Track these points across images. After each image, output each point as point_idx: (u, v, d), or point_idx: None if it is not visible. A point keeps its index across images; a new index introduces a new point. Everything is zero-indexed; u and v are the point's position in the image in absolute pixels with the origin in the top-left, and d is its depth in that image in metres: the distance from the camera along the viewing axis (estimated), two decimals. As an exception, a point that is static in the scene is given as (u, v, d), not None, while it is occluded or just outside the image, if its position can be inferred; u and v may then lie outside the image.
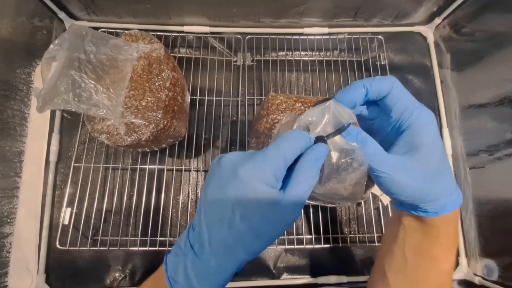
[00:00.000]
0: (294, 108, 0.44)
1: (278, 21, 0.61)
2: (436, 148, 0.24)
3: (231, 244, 0.22)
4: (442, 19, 0.61)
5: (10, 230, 0.50)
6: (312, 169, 0.23)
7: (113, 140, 0.45)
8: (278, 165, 0.22)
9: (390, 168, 0.24)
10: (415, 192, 0.25)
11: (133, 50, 0.45)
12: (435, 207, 0.25)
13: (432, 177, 0.24)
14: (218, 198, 0.23)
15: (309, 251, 0.54)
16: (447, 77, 0.61)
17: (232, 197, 0.22)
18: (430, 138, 0.24)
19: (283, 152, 0.22)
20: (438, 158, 0.25)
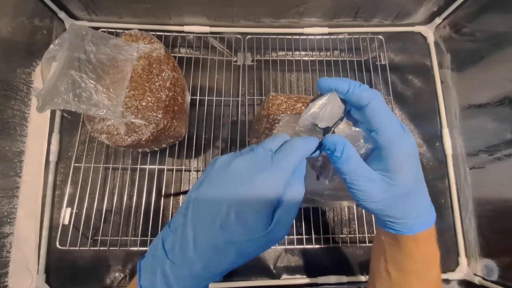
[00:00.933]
0: (295, 108, 0.44)
1: (278, 21, 0.61)
2: (408, 170, 0.24)
3: (221, 245, 0.21)
4: (443, 19, 0.61)
5: (10, 230, 0.50)
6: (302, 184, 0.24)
7: (113, 140, 0.45)
8: (288, 175, 0.23)
9: (364, 181, 0.24)
10: (383, 208, 0.25)
11: (133, 50, 0.45)
12: (402, 226, 0.26)
13: (400, 197, 0.25)
14: (215, 198, 0.22)
15: (309, 251, 0.54)
16: (447, 77, 0.61)
17: (232, 197, 0.21)
18: (403, 160, 0.24)
19: (294, 163, 0.23)
20: (409, 180, 0.24)
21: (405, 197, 0.25)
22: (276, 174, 0.22)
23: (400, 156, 0.24)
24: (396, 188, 0.24)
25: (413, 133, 0.61)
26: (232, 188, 0.22)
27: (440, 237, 0.57)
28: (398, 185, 0.24)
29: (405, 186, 0.24)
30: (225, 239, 0.21)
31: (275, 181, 0.22)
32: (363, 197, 0.25)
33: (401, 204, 0.25)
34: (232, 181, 0.22)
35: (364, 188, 0.24)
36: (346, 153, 0.24)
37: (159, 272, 0.22)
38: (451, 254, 0.55)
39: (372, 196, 0.24)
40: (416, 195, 0.26)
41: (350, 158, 0.24)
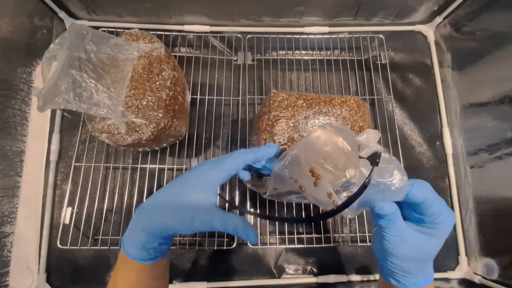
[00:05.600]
0: (296, 105, 0.44)
1: (279, 20, 0.61)
2: (440, 245, 0.29)
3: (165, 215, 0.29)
4: (443, 18, 0.61)
5: (11, 230, 0.50)
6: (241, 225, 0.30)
7: (113, 140, 0.45)
8: (222, 174, 0.30)
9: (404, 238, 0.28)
10: (403, 267, 0.29)
11: (134, 49, 0.45)
12: (408, 281, 0.29)
13: (425, 260, 0.30)
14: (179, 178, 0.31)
15: (309, 250, 0.54)
16: (447, 76, 0.61)
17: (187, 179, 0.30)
18: (442, 235, 0.29)
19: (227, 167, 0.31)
20: (436, 252, 0.29)
21: (427, 260, 0.30)
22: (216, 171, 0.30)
23: (442, 233, 0.29)
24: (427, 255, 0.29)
25: (413, 132, 0.61)
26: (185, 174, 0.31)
27: (440, 236, 0.57)
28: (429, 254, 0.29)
29: (432, 256, 0.29)
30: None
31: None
32: (393, 252, 0.28)
33: (419, 264, 0.29)
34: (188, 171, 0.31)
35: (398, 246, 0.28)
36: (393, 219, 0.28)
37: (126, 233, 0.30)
38: (451, 253, 0.55)
39: (400, 253, 0.28)
40: (431, 260, 0.30)
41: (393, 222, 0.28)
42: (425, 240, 0.28)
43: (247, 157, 0.32)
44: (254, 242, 0.31)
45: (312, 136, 0.31)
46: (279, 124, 0.42)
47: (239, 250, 0.54)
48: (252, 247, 0.53)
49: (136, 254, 0.29)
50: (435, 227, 0.28)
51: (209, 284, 0.50)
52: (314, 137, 0.31)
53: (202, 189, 0.29)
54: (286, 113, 0.43)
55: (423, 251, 0.29)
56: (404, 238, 0.28)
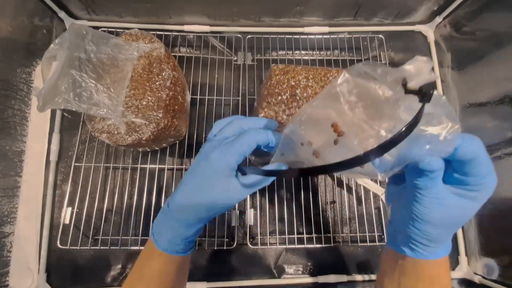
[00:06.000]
0: (300, 73, 0.45)
1: (279, 20, 0.61)
2: (477, 210, 0.25)
3: (192, 203, 0.30)
4: (443, 18, 0.61)
5: (11, 230, 0.50)
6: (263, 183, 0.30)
7: (113, 140, 0.45)
8: (239, 156, 0.29)
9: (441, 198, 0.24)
10: (431, 232, 0.25)
11: (134, 49, 0.45)
12: (430, 250, 0.27)
13: (454, 227, 0.26)
14: (193, 169, 0.30)
15: (309, 251, 0.54)
16: (447, 76, 0.61)
17: (201, 170, 0.29)
18: (483, 199, 0.25)
19: (241, 148, 0.29)
20: (470, 217, 0.26)
21: (455, 225, 0.26)
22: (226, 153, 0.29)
23: (482, 199, 0.25)
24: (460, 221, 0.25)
25: (413, 132, 0.61)
26: (201, 163, 0.30)
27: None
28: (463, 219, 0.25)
29: (466, 217, 0.25)
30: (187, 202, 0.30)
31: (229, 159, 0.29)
32: (425, 215, 0.25)
33: (448, 230, 0.26)
34: (203, 159, 0.30)
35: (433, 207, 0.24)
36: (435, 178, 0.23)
37: (158, 221, 0.32)
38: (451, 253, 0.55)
39: (433, 216, 0.24)
40: (455, 229, 0.27)
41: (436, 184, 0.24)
42: (463, 205, 0.24)
43: (260, 137, 0.29)
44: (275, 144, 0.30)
45: (336, 84, 0.24)
46: (280, 90, 0.44)
47: (239, 250, 0.54)
48: (252, 247, 0.53)
49: (169, 247, 0.31)
50: (478, 189, 0.24)
51: (209, 284, 0.50)
52: (339, 84, 0.24)
53: (223, 179, 0.29)
54: (286, 79, 0.45)
55: (458, 217, 0.25)
56: (443, 202, 0.24)
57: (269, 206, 0.55)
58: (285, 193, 0.55)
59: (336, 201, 0.54)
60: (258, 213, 0.54)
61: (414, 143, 0.22)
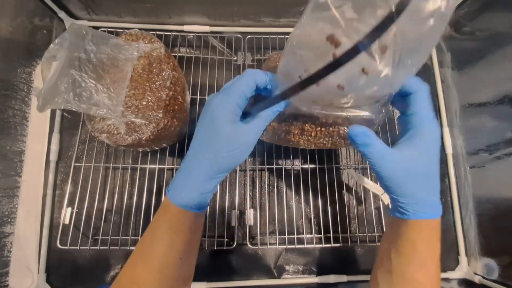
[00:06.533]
0: None
1: (279, 21, 0.61)
2: (430, 160, 0.29)
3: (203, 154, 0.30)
4: (443, 18, 0.61)
5: (10, 230, 0.50)
6: (267, 117, 0.31)
7: (113, 140, 0.45)
8: (239, 97, 0.29)
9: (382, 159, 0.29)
10: (396, 185, 0.29)
11: (134, 49, 0.45)
12: (411, 208, 0.29)
13: (417, 178, 0.29)
14: (200, 121, 0.32)
15: (309, 251, 0.54)
16: (447, 76, 0.61)
17: (207, 119, 0.30)
18: (427, 145, 0.29)
19: (241, 89, 0.29)
20: (429, 168, 0.29)
21: (422, 183, 0.29)
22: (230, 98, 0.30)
23: (431, 146, 0.29)
24: (418, 172, 0.29)
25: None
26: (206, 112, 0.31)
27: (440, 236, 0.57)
28: (420, 169, 0.29)
29: (426, 174, 0.29)
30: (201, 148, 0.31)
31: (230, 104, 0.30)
32: (381, 171, 0.29)
33: (417, 186, 0.29)
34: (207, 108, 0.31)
35: (381, 164, 0.29)
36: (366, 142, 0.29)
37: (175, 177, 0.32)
38: (451, 253, 0.55)
39: (386, 171, 0.29)
40: (433, 185, 0.30)
41: (369, 146, 0.29)
42: (408, 154, 0.29)
43: (258, 76, 0.30)
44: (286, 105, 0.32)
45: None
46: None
47: (239, 250, 0.54)
48: (252, 247, 0.53)
49: (184, 202, 0.31)
50: (417, 133, 0.29)
51: (209, 284, 0.50)
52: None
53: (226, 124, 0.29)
54: None
55: (412, 166, 0.29)
56: (383, 158, 0.29)
57: (269, 206, 0.55)
58: (285, 193, 0.55)
59: (336, 201, 0.54)
60: (258, 213, 0.54)
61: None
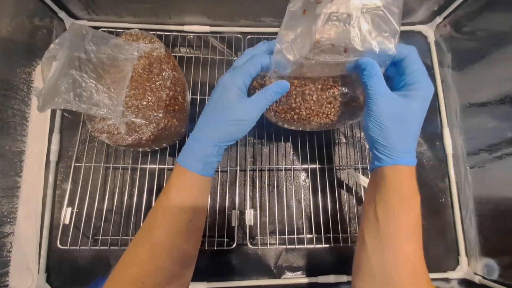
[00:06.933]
0: None
1: (279, 21, 0.61)
2: (419, 111, 0.32)
3: (210, 124, 0.35)
4: (443, 18, 0.61)
5: (10, 230, 0.50)
6: (269, 96, 0.35)
7: (113, 140, 0.45)
8: (245, 76, 0.34)
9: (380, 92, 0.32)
10: (383, 127, 0.32)
11: (134, 49, 0.45)
12: (388, 154, 0.32)
13: (404, 125, 0.32)
14: (210, 97, 0.36)
15: (309, 251, 0.54)
16: (447, 76, 0.61)
17: (216, 95, 0.35)
18: (420, 98, 0.32)
19: (248, 69, 0.34)
20: (412, 123, 0.32)
21: (403, 132, 0.32)
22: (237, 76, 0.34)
23: (419, 102, 0.32)
24: (402, 120, 0.32)
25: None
26: (216, 89, 0.35)
27: (440, 236, 0.57)
28: (409, 111, 0.32)
29: (407, 125, 0.32)
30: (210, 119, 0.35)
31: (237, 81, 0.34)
32: (374, 108, 0.32)
33: (398, 132, 0.32)
34: (216, 86, 0.36)
35: (379, 101, 0.32)
36: (374, 72, 0.32)
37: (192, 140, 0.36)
38: (451, 253, 0.55)
39: (380, 109, 0.32)
40: (410, 136, 0.33)
41: (374, 77, 0.32)
42: (405, 103, 0.32)
43: (264, 60, 0.35)
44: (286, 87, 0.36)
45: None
46: None
47: (239, 250, 0.54)
48: (252, 247, 0.53)
49: (193, 165, 0.34)
50: (412, 88, 0.32)
51: (209, 284, 0.50)
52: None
53: (233, 97, 0.34)
54: None
55: (403, 114, 0.32)
56: (384, 95, 0.32)
57: (269, 206, 0.55)
58: (285, 193, 0.55)
59: (336, 201, 0.54)
60: (258, 213, 0.54)
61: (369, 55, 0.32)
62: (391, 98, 0.32)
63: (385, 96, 0.32)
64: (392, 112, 0.32)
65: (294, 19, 0.33)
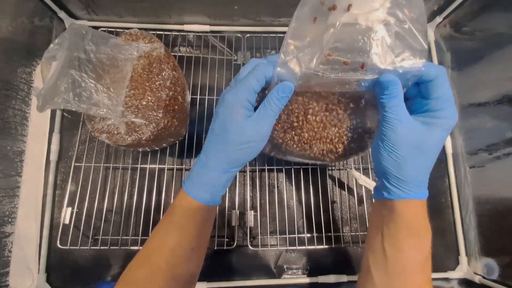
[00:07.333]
0: None
1: (278, 20, 0.61)
2: (439, 140, 0.29)
3: (217, 149, 0.31)
4: (443, 18, 0.61)
5: (11, 230, 0.50)
6: (274, 106, 0.30)
7: (113, 140, 0.45)
8: (248, 92, 0.30)
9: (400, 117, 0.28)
10: (399, 156, 0.28)
11: (133, 49, 0.45)
12: (401, 187, 0.29)
13: (417, 156, 0.28)
14: (214, 117, 0.32)
15: (309, 251, 0.54)
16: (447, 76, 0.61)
17: (220, 115, 0.31)
18: (442, 127, 0.29)
19: (251, 83, 0.29)
20: (430, 155, 0.29)
21: (419, 165, 0.29)
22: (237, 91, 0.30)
23: (442, 135, 0.29)
24: (419, 153, 0.28)
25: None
26: (221, 110, 0.31)
27: (440, 236, 0.57)
28: (427, 140, 0.28)
29: (424, 158, 0.29)
30: (216, 144, 0.31)
31: (241, 99, 0.30)
32: (391, 135, 0.28)
33: (414, 165, 0.28)
34: (220, 103, 0.31)
35: (395, 126, 0.28)
36: (396, 93, 0.28)
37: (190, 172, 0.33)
38: (451, 253, 0.55)
39: (397, 136, 0.28)
40: (426, 169, 0.29)
41: (395, 98, 0.28)
42: (425, 131, 0.28)
43: (267, 71, 0.30)
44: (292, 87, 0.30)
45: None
46: None
47: (239, 250, 0.54)
48: (252, 248, 0.53)
49: (203, 196, 0.32)
50: (437, 115, 0.28)
51: (209, 284, 0.50)
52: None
53: (238, 117, 0.30)
54: None
55: (422, 143, 0.28)
56: (403, 119, 0.28)
57: (269, 207, 0.55)
58: (285, 193, 0.55)
59: (336, 201, 0.54)
60: (258, 214, 0.54)
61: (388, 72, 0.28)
62: (411, 124, 0.28)
63: (405, 121, 0.28)
64: (411, 141, 0.28)
65: (302, 27, 0.29)
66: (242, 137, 0.30)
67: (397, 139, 0.28)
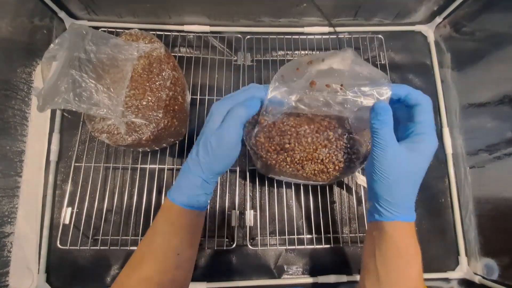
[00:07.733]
0: None
1: (278, 21, 0.61)
2: (421, 166, 0.32)
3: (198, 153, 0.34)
4: (443, 18, 0.61)
5: (11, 230, 0.50)
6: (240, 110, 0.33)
7: (113, 140, 0.45)
8: (232, 101, 0.34)
9: (390, 144, 0.31)
10: (390, 181, 0.31)
11: (134, 49, 0.45)
12: (390, 210, 0.31)
13: (407, 179, 0.31)
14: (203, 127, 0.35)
15: (309, 251, 0.54)
16: (447, 77, 0.61)
17: (205, 121, 0.34)
18: (423, 152, 0.31)
19: (238, 96, 0.35)
20: (414, 180, 0.32)
21: (407, 189, 0.31)
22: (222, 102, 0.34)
23: (428, 149, 0.32)
24: (410, 166, 0.31)
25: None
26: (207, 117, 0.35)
27: (440, 236, 0.57)
28: (413, 165, 0.31)
29: (415, 169, 0.31)
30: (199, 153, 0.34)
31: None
32: (382, 160, 0.31)
33: (403, 190, 0.31)
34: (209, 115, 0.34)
35: (385, 152, 0.31)
36: (387, 120, 0.31)
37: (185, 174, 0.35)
38: (451, 253, 0.55)
39: (388, 162, 0.31)
40: (413, 193, 0.32)
41: (386, 125, 0.31)
42: (410, 156, 0.31)
43: (259, 93, 0.35)
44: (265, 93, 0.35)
45: None
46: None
47: (239, 250, 0.54)
48: (252, 248, 0.53)
49: (185, 201, 0.34)
50: (419, 139, 0.32)
51: (209, 284, 0.50)
52: None
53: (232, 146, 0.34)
54: None
55: (408, 166, 0.31)
56: (392, 145, 0.31)
57: (269, 207, 0.55)
58: (285, 193, 0.55)
59: (336, 202, 0.54)
60: (258, 214, 0.54)
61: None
62: (399, 151, 0.31)
63: (394, 148, 0.31)
64: (400, 167, 0.31)
65: (287, 73, 0.36)
66: (214, 142, 0.33)
67: (387, 164, 0.31)
